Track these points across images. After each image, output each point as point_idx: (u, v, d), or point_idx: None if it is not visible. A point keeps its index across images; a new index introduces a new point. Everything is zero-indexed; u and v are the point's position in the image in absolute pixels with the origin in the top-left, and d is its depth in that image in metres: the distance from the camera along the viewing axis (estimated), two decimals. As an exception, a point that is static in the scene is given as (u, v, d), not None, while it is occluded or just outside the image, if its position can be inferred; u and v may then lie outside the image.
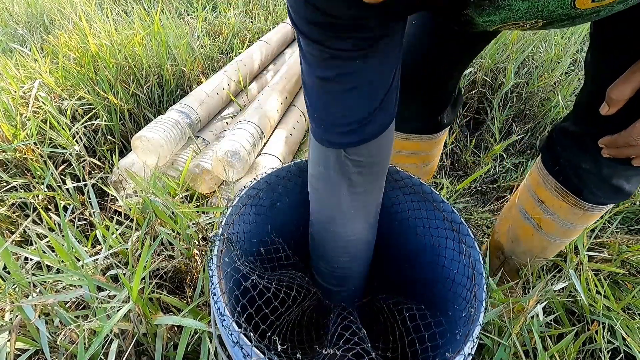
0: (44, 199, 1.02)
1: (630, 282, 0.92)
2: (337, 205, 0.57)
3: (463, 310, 0.52)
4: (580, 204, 0.70)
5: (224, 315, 0.43)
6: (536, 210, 0.78)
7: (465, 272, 0.55)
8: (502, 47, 1.65)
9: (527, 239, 0.82)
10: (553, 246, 0.81)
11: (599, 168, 0.64)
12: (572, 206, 0.71)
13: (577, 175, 0.67)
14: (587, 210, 0.71)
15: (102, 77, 1.27)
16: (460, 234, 0.58)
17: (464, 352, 0.43)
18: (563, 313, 0.80)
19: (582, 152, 0.64)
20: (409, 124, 0.86)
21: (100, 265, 0.74)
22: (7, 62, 1.33)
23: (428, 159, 0.95)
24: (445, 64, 0.74)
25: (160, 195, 0.81)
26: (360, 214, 0.59)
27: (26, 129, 1.09)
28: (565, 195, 0.71)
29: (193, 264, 0.80)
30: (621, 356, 0.76)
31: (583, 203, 0.70)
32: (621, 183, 0.65)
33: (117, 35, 1.47)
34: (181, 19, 2.05)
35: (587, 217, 0.72)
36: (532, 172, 0.79)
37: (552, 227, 0.77)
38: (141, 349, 0.69)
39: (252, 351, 0.41)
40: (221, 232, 0.54)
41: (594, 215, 0.72)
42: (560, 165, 0.70)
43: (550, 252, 0.83)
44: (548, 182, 0.73)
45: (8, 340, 0.58)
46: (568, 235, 0.77)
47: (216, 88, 1.31)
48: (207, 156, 1.09)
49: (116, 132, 1.26)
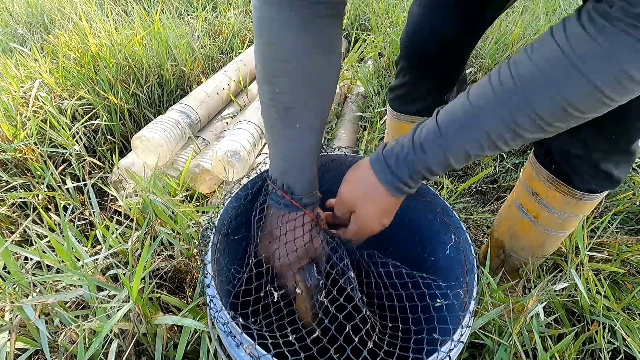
0: (44, 198, 1.02)
1: (630, 282, 0.92)
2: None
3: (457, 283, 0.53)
4: (572, 193, 0.72)
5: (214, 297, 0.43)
6: (532, 204, 0.79)
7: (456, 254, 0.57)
8: (502, 47, 1.65)
9: (525, 233, 0.84)
10: (551, 240, 0.82)
11: (588, 152, 0.66)
12: (564, 195, 0.73)
13: (567, 162, 0.69)
14: (580, 199, 0.72)
15: (102, 77, 1.27)
16: (451, 226, 0.59)
17: (454, 338, 0.44)
18: (563, 313, 0.80)
19: (571, 136, 0.65)
20: (415, 105, 0.88)
21: (100, 265, 0.74)
22: (7, 62, 1.33)
23: None
24: (457, 39, 0.76)
25: (160, 195, 0.81)
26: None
27: (26, 129, 1.09)
28: (557, 185, 0.72)
29: (193, 263, 0.80)
30: (621, 356, 0.76)
31: (575, 191, 0.71)
32: (610, 168, 0.67)
33: (117, 35, 1.47)
34: (181, 18, 2.05)
35: (580, 206, 0.74)
36: (526, 167, 0.81)
37: (548, 219, 0.78)
38: (141, 349, 0.69)
39: (242, 338, 0.42)
40: (217, 223, 0.55)
41: (587, 205, 0.74)
42: (551, 154, 0.71)
43: (548, 246, 0.84)
44: (541, 174, 0.75)
45: (8, 339, 0.58)
46: (564, 227, 0.79)
47: (216, 88, 1.31)
48: (207, 156, 1.09)
49: (116, 132, 1.26)
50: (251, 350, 0.42)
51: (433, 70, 0.82)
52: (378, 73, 1.62)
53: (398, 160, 0.49)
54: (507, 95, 0.41)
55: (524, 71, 0.40)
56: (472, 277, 0.52)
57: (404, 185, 0.50)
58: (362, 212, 0.54)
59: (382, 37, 1.80)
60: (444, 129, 0.46)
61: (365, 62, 1.86)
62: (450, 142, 0.45)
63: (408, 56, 0.83)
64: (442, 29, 0.75)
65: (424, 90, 0.85)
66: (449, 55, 0.79)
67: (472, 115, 0.44)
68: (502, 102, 0.41)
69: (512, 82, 0.40)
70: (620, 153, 0.65)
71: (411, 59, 0.83)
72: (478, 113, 0.43)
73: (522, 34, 1.82)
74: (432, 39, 0.77)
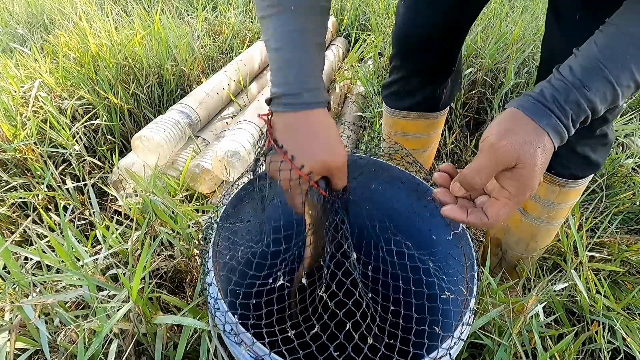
0: (44, 198, 1.02)
1: (630, 282, 0.92)
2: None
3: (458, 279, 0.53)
4: (555, 180, 0.75)
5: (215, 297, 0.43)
6: None
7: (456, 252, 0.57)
8: (502, 47, 1.65)
9: (517, 226, 0.86)
10: (542, 231, 0.84)
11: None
12: (548, 184, 0.75)
13: None
14: (563, 186, 0.75)
15: (102, 76, 1.27)
16: (451, 225, 0.59)
17: (455, 336, 0.44)
18: (563, 314, 0.80)
19: None
20: (408, 100, 0.90)
21: (100, 265, 0.74)
22: (7, 62, 1.33)
23: (427, 144, 1.00)
24: (442, 34, 0.78)
25: (160, 195, 0.81)
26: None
27: (26, 129, 1.09)
28: None
29: (193, 263, 0.80)
30: (621, 356, 0.76)
31: (557, 178, 0.74)
32: (587, 152, 0.69)
33: (117, 35, 1.47)
34: (181, 18, 2.05)
35: (564, 194, 0.76)
36: None
37: (536, 209, 0.81)
38: (141, 349, 0.69)
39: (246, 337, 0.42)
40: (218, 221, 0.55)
41: (571, 192, 0.76)
42: None
43: (540, 238, 0.86)
44: None
45: (8, 339, 0.58)
46: (553, 217, 0.81)
47: (216, 88, 1.31)
48: (207, 156, 1.09)
49: (116, 132, 1.26)
50: (251, 349, 0.42)
51: (422, 65, 0.84)
52: (378, 73, 1.62)
53: (558, 101, 0.45)
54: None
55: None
56: (472, 274, 0.52)
57: (565, 130, 0.46)
58: (529, 166, 0.45)
59: (382, 37, 1.80)
60: (603, 59, 0.44)
61: (365, 62, 1.86)
62: (612, 69, 0.44)
63: (398, 53, 0.86)
64: (425, 25, 0.78)
65: (415, 86, 0.87)
66: (436, 50, 0.81)
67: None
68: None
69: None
70: (593, 136, 0.67)
71: (401, 56, 0.85)
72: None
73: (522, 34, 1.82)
74: (417, 34, 0.79)
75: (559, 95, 0.45)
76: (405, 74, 0.87)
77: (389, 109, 0.96)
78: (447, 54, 0.83)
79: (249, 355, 0.43)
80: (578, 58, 0.46)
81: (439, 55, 0.82)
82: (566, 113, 0.46)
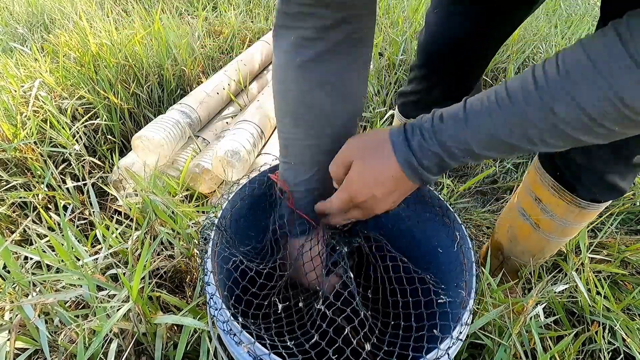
0: (44, 198, 1.02)
1: (630, 283, 0.92)
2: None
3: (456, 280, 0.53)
4: (576, 202, 0.70)
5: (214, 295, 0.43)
6: (534, 209, 0.78)
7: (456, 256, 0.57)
8: (502, 47, 1.65)
9: (525, 238, 0.83)
10: (551, 245, 0.81)
11: (592, 162, 0.64)
12: (568, 204, 0.71)
13: (571, 171, 0.68)
14: (583, 208, 0.71)
15: (103, 76, 1.27)
16: (453, 226, 0.59)
17: (453, 335, 0.44)
18: (563, 315, 0.80)
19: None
20: (425, 112, 0.88)
21: (100, 265, 0.74)
22: (7, 61, 1.33)
23: None
24: (473, 45, 0.76)
25: (160, 195, 0.81)
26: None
27: (26, 128, 1.09)
28: (561, 193, 0.71)
29: (193, 263, 0.80)
30: (621, 357, 0.76)
31: (579, 200, 0.70)
32: (615, 179, 0.65)
33: (117, 34, 1.47)
34: (181, 18, 2.05)
35: (584, 215, 0.73)
36: (529, 170, 0.80)
37: (550, 226, 0.77)
38: (141, 349, 0.69)
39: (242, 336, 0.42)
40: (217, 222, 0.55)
41: (590, 214, 0.73)
42: (556, 161, 0.70)
43: (548, 251, 0.83)
44: (545, 180, 0.74)
45: (8, 339, 0.58)
46: (566, 234, 0.78)
47: (216, 88, 1.31)
48: (207, 156, 1.08)
49: (116, 132, 1.26)
50: (250, 349, 0.42)
51: (449, 77, 0.82)
52: (378, 73, 1.62)
53: (421, 144, 0.46)
54: (552, 87, 0.36)
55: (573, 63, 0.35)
56: (471, 275, 0.52)
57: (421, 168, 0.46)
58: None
59: (382, 37, 1.80)
60: (471, 117, 0.42)
61: (366, 62, 1.85)
62: (474, 131, 0.42)
63: (425, 63, 0.83)
64: (457, 36, 0.76)
65: (436, 98, 0.85)
66: (465, 65, 0.79)
67: (506, 105, 0.39)
68: (544, 94, 0.37)
69: (557, 74, 0.36)
70: (624, 164, 0.63)
71: (428, 66, 0.83)
72: (516, 104, 0.39)
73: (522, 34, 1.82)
74: (448, 45, 0.78)
75: (422, 139, 0.47)
76: (428, 86, 0.85)
77: (403, 118, 0.94)
78: (475, 69, 0.82)
79: (248, 355, 0.43)
80: (454, 108, 0.44)
81: (467, 70, 0.81)
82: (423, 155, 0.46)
